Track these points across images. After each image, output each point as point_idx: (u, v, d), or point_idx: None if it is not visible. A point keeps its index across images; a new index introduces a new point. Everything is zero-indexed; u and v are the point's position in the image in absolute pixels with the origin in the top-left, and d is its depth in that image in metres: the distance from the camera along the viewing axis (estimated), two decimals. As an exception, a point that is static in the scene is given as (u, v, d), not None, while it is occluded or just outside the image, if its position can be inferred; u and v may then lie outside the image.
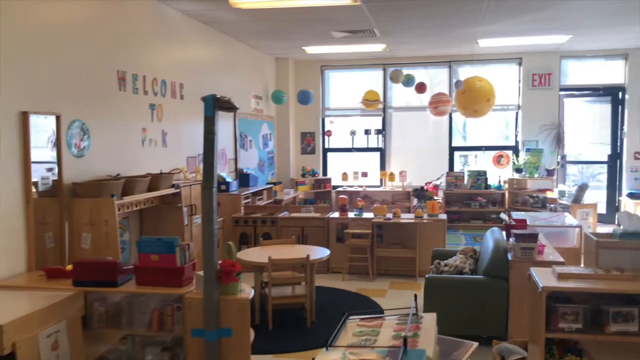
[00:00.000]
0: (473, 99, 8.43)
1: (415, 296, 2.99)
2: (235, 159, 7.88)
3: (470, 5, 6.13)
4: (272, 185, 8.41)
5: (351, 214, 6.70)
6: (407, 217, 6.59)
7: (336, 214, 6.74)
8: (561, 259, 4.29)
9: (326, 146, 10.26)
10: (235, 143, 7.87)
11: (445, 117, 9.63)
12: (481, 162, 9.92)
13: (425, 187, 8.06)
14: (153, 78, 5.63)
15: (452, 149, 9.98)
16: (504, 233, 5.14)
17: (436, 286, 4.39)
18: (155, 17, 5.74)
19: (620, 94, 9.36)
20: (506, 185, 9.45)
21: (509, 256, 4.35)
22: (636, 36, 8.11)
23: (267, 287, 4.76)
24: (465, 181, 9.60)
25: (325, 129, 10.18)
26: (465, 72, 9.54)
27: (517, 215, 6.72)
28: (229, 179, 7.23)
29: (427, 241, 6.39)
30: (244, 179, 7.80)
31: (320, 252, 5.08)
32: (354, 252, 6.39)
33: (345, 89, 10.13)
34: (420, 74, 9.67)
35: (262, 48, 8.79)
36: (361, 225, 6.47)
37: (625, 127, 9.30)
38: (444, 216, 6.63)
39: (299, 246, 5.50)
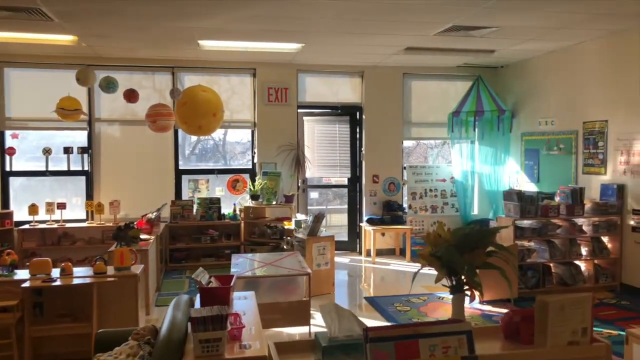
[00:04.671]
0: (196, 113, 6.87)
1: None
2: None
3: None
4: None
5: (-6, 275, 4.48)
6: (84, 275, 4.62)
7: (-32, 277, 4.44)
8: (263, 351, 2.85)
9: (7, 168, 7.66)
10: None
11: (170, 134, 7.93)
12: (215, 187, 8.45)
13: (132, 224, 6.17)
14: None
15: (179, 173, 8.30)
16: (198, 300, 3.61)
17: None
18: None
19: (358, 113, 8.81)
20: (242, 215, 8.11)
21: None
22: (369, 51, 7.51)
23: None
24: (195, 211, 8.00)
25: (6, 146, 7.59)
26: (192, 82, 7.96)
27: (236, 263, 5.28)
28: None
29: (113, 307, 4.55)
30: None
31: None
32: (-7, 336, 4.20)
33: (36, 93, 7.68)
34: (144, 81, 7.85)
35: None
36: (5, 293, 4.29)
37: (363, 149, 8.76)
38: (138, 268, 4.83)
39: None
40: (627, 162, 6.26)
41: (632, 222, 6.22)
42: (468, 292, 2.04)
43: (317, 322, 5.41)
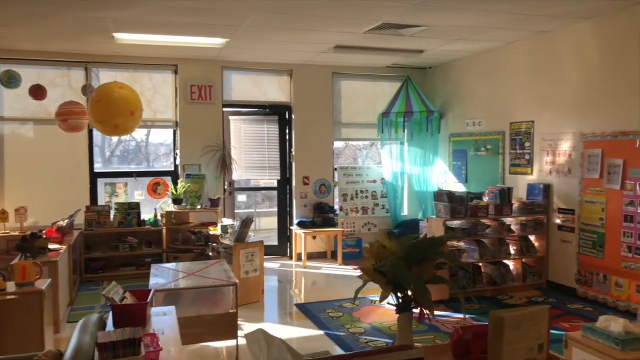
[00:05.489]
0: (111, 111, 6.36)
1: None
2: None
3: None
4: None
5: None
6: (-23, 292, 4.06)
7: None
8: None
9: None
10: None
11: (84, 134, 7.33)
12: (134, 191, 7.91)
13: (39, 233, 5.58)
14: None
15: (95, 176, 7.69)
16: (111, 319, 3.20)
17: None
18: None
19: (287, 113, 8.54)
20: (164, 220, 7.62)
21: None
22: (298, 48, 7.27)
23: None
24: (112, 217, 7.43)
25: None
26: (110, 78, 7.39)
27: (156, 274, 4.85)
28: None
29: (14, 329, 4.02)
30: None
31: None
32: None
33: None
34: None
35: None
36: None
37: (293, 149, 8.50)
38: (44, 283, 4.31)
39: None
40: (552, 162, 6.37)
41: (557, 221, 6.34)
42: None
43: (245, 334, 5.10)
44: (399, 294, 1.85)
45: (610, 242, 5.61)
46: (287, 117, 8.54)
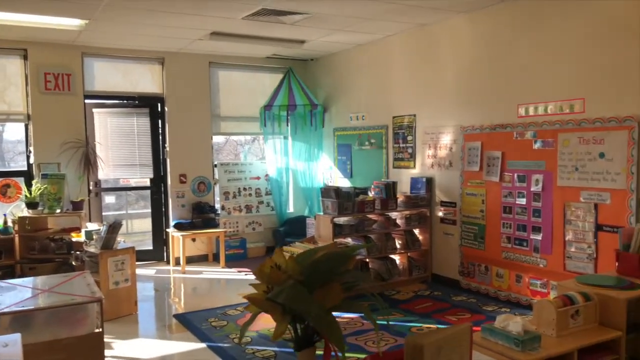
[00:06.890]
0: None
1: None
2: None
3: None
4: None
5: None
6: None
7: None
8: None
9: None
10: None
11: None
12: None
13: None
14: None
15: None
16: None
17: None
18: None
19: (159, 105, 7.85)
20: (17, 227, 6.62)
21: None
22: (170, 34, 6.64)
23: None
24: (-51, 227, 6.32)
25: None
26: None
27: (1, 294, 4.06)
28: None
29: None
30: None
31: None
32: None
33: None
34: None
35: None
36: None
37: (167, 145, 7.82)
38: None
39: None
40: (434, 156, 6.39)
41: (440, 214, 6.37)
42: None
43: (116, 354, 4.49)
44: (298, 325, 1.48)
45: (490, 233, 5.71)
46: (159, 109, 7.84)
